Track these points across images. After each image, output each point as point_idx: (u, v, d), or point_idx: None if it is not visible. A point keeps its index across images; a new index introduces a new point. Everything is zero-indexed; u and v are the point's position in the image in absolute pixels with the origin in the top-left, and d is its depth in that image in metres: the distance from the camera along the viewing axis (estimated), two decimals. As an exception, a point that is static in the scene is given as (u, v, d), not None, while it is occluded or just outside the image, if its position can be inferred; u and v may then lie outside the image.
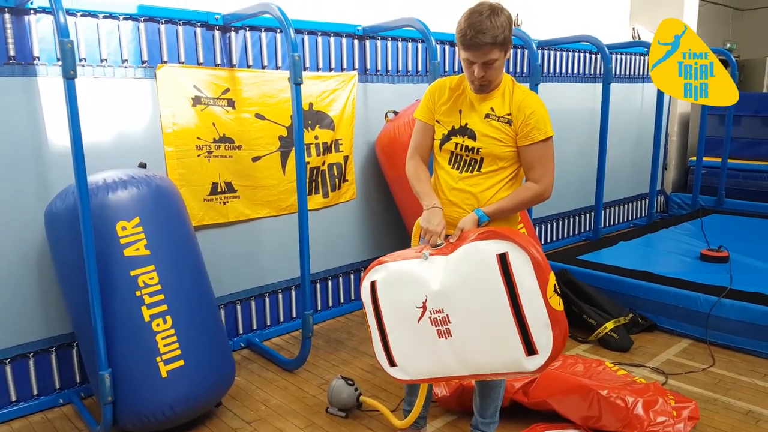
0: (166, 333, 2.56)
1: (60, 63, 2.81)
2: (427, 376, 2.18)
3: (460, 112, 2.22)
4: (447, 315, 2.04)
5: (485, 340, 2.00)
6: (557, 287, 1.96)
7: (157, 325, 2.55)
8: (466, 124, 2.21)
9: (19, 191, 2.83)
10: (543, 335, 1.91)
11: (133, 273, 2.55)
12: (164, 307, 2.58)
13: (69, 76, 2.31)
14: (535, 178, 2.19)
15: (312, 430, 2.76)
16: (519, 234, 2.02)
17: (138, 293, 2.55)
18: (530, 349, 1.92)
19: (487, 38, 2.01)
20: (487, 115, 2.17)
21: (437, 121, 2.28)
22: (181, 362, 2.58)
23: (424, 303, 2.07)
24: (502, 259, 1.93)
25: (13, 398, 2.93)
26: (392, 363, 2.21)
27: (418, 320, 2.10)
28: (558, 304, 1.95)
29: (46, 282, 2.94)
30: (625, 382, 2.81)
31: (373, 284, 2.19)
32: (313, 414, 2.90)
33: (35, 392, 2.99)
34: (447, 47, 4.53)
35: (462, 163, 2.23)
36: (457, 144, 2.22)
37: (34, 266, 2.91)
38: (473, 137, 2.19)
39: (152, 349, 2.54)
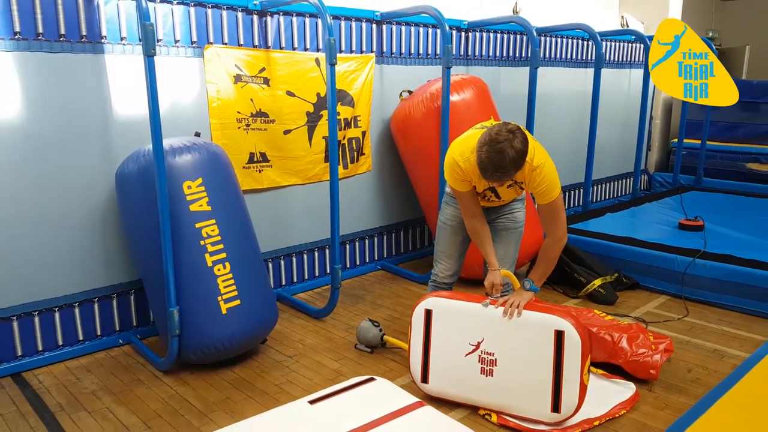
0: (226, 276, 2.99)
1: (123, 42, 3.23)
2: (454, 398, 2.70)
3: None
4: (496, 359, 2.56)
5: (521, 388, 2.54)
6: (590, 368, 2.53)
7: (218, 269, 2.98)
8: (493, 187, 2.72)
9: (88, 155, 3.22)
10: (569, 400, 2.46)
11: (197, 225, 2.97)
12: (223, 255, 3.00)
13: (149, 54, 2.69)
14: (552, 233, 2.67)
15: (344, 362, 3.22)
16: (577, 315, 2.58)
17: (202, 242, 2.96)
18: (555, 407, 2.47)
19: (507, 177, 2.43)
20: (509, 185, 2.70)
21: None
22: (237, 302, 3.01)
23: (479, 343, 2.59)
24: (559, 335, 2.45)
25: (81, 337, 3.35)
26: (425, 380, 2.72)
27: (466, 354, 2.62)
28: (587, 380, 2.52)
29: (110, 236, 3.35)
30: (612, 324, 3.29)
31: (428, 312, 2.70)
32: (344, 350, 3.36)
33: (99, 333, 3.41)
34: (461, 33, 4.93)
35: (484, 199, 2.83)
36: (482, 194, 2.78)
37: (99, 222, 3.31)
38: (498, 196, 2.80)
39: (214, 290, 2.97)
